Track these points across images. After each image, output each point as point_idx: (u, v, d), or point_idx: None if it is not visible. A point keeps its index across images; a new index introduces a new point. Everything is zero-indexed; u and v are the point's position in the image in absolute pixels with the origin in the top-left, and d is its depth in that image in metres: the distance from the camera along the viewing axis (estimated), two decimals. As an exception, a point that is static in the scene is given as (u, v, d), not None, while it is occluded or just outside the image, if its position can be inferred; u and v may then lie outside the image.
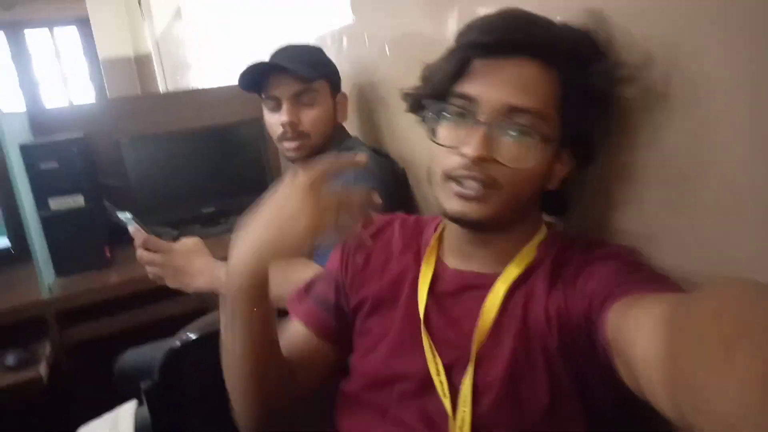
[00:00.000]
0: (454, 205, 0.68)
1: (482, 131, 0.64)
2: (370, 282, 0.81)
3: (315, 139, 1.24)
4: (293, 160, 1.27)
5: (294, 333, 0.85)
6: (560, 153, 0.69)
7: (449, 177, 0.68)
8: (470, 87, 0.66)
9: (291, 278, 0.97)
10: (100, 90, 5.68)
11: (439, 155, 0.69)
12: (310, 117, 1.22)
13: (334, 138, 1.27)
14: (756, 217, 0.59)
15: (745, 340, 0.33)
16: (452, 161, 0.67)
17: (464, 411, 0.66)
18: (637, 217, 0.74)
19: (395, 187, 1.22)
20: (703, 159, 0.63)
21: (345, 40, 1.46)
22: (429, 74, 0.73)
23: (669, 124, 0.66)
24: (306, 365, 0.83)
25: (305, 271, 0.98)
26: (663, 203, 0.70)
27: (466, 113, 0.66)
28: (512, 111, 0.64)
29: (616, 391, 0.59)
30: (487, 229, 0.70)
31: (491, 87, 0.65)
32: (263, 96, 1.26)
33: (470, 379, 0.67)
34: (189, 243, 1.15)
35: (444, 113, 0.69)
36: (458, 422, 0.66)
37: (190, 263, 1.12)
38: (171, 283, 1.13)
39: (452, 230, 0.76)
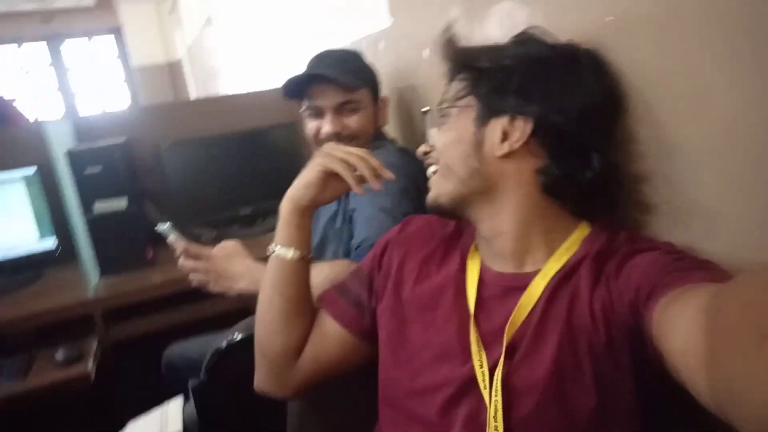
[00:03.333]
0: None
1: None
2: (406, 283, 0.81)
3: (363, 140, 1.24)
4: None
5: (327, 330, 0.86)
6: (488, 122, 0.74)
7: None
8: None
9: (330, 277, 0.99)
10: (134, 97, 5.81)
11: None
12: (354, 121, 1.23)
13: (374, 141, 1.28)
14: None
15: None
16: None
17: (496, 400, 0.66)
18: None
19: (424, 184, 1.23)
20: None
21: (382, 44, 1.47)
22: None
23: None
24: (339, 362, 0.85)
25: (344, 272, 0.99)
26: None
27: None
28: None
29: (669, 384, 0.58)
30: (453, 211, 0.78)
31: None
32: (305, 104, 1.26)
33: (501, 370, 0.67)
34: (228, 247, 1.16)
35: None
36: (491, 411, 0.66)
37: (231, 267, 1.13)
38: (214, 288, 1.15)
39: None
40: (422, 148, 0.85)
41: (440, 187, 0.78)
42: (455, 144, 0.76)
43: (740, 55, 0.61)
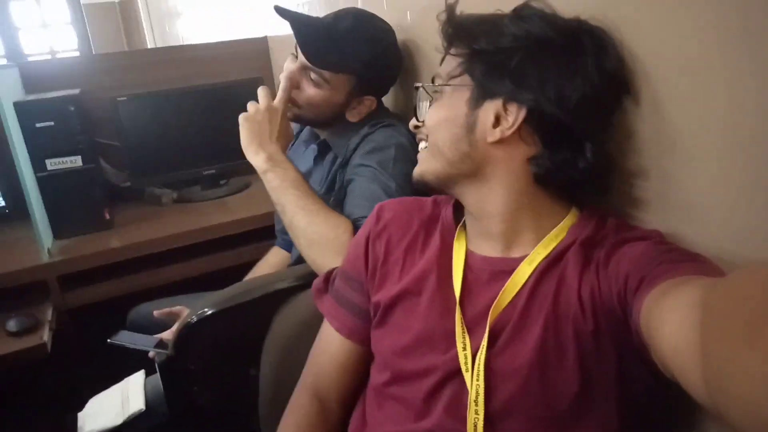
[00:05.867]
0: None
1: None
2: (392, 275, 0.79)
3: (305, 113, 1.16)
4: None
5: (328, 341, 0.86)
6: (482, 105, 0.71)
7: None
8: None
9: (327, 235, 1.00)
10: (83, 38, 5.45)
11: None
12: (305, 93, 1.14)
13: (347, 126, 1.18)
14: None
15: None
16: None
17: (477, 384, 0.67)
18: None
19: None
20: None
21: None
22: None
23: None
24: (347, 369, 0.85)
25: None
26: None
27: None
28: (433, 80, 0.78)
29: (652, 374, 0.59)
30: (438, 188, 0.77)
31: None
32: None
33: (483, 354, 0.67)
34: (290, 126, 1.12)
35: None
36: (472, 395, 0.67)
37: (269, 135, 1.08)
38: (242, 122, 1.11)
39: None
40: (413, 122, 0.82)
41: (428, 165, 0.76)
42: (447, 124, 0.73)
43: (743, 52, 0.59)
